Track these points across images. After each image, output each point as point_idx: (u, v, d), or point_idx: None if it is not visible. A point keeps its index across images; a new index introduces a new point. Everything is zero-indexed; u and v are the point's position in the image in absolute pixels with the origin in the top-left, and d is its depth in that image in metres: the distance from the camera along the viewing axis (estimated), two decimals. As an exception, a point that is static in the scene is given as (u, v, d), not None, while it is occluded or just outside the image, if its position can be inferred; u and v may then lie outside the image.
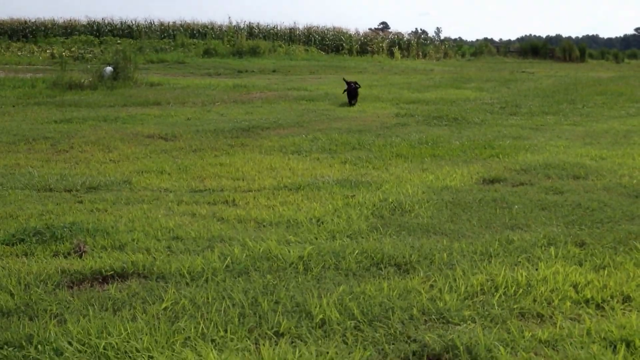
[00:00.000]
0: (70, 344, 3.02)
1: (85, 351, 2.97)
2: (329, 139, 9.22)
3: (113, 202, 5.68)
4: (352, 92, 14.14)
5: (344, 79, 15.20)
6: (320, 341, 3.10)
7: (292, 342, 3.09)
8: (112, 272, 3.94)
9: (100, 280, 3.87)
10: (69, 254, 4.29)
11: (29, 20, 38.46)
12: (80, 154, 8.08)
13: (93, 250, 4.36)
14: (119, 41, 35.15)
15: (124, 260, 4.09)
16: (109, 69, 17.39)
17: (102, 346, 2.99)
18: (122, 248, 4.41)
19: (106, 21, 39.94)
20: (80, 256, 4.23)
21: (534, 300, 3.53)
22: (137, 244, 4.48)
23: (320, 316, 3.31)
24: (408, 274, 3.94)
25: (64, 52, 29.72)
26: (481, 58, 49.00)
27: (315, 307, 3.39)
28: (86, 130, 9.92)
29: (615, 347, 3.04)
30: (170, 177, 6.77)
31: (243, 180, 6.63)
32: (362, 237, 4.65)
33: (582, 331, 3.19)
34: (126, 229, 4.80)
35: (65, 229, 4.68)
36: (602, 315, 3.41)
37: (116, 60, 17.81)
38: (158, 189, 6.24)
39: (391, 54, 43.11)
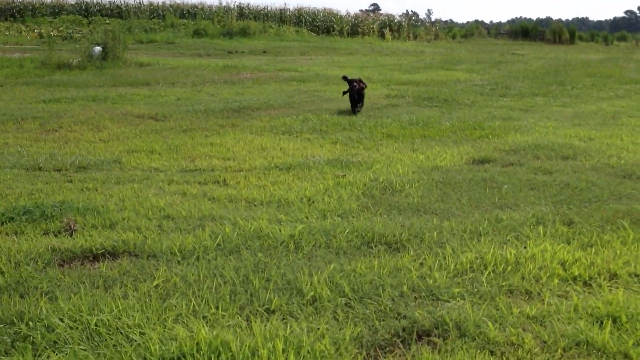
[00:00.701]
0: (61, 320, 3.03)
1: (77, 327, 2.98)
2: (319, 120, 9.21)
3: (103, 181, 5.67)
4: (356, 94, 10.07)
5: (345, 77, 10.65)
6: (311, 318, 3.12)
7: (284, 319, 3.11)
8: (102, 251, 3.94)
9: (91, 258, 3.87)
10: (59, 232, 4.29)
11: (17, 0, 37.96)
12: (70, 133, 8.04)
13: (83, 228, 4.35)
14: (107, 21, 34.75)
15: (115, 239, 4.09)
16: (97, 48, 17.25)
17: (93, 323, 3.00)
18: (113, 227, 4.41)
19: (95, 1, 39.53)
20: (71, 235, 4.23)
21: (523, 278, 3.57)
22: (127, 222, 4.48)
23: (311, 293, 3.33)
24: (398, 252, 3.97)
25: (52, 31, 29.41)
26: (472, 40, 48.89)
27: (306, 285, 3.41)
28: (75, 110, 9.86)
29: (601, 322, 3.08)
30: (160, 156, 6.75)
31: (234, 160, 6.62)
32: (353, 216, 4.67)
33: (569, 307, 3.23)
34: (117, 208, 4.79)
35: (55, 208, 4.66)
36: (589, 292, 3.45)
37: (105, 40, 17.66)
38: (148, 168, 6.23)
39: (382, 36, 42.93)
